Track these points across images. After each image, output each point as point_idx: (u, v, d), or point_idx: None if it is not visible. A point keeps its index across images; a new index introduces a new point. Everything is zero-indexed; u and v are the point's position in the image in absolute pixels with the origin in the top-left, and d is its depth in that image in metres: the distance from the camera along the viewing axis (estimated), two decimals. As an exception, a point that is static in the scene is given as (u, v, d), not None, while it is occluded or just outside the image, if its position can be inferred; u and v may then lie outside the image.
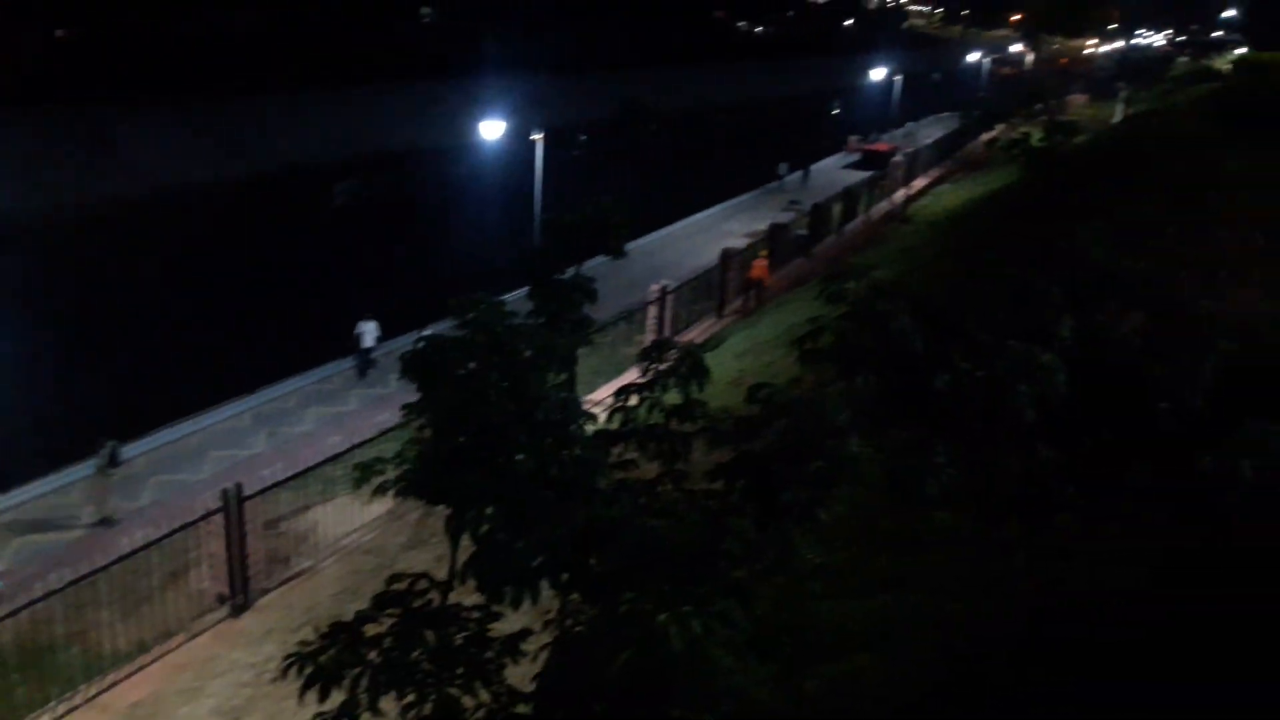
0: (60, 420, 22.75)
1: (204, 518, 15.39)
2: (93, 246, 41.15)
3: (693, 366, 6.26)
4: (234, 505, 15.23)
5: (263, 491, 15.47)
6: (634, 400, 6.36)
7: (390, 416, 14.78)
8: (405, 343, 17.02)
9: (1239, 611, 7.07)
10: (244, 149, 57.26)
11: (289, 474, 16.35)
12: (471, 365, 7.33)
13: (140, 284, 37.13)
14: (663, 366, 6.37)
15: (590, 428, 7.37)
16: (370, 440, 16.87)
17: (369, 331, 25.23)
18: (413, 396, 7.28)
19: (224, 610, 15.27)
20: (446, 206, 49.32)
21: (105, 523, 18.14)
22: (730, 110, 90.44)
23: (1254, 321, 12.05)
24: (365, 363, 25.24)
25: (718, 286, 29.20)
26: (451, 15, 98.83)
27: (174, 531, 16.22)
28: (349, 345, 25.70)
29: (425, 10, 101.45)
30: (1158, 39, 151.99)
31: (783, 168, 53.30)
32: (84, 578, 14.66)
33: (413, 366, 7.16)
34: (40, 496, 19.03)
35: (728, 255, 29.66)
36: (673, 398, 6.35)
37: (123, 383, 26.37)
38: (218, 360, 27.74)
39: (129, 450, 19.85)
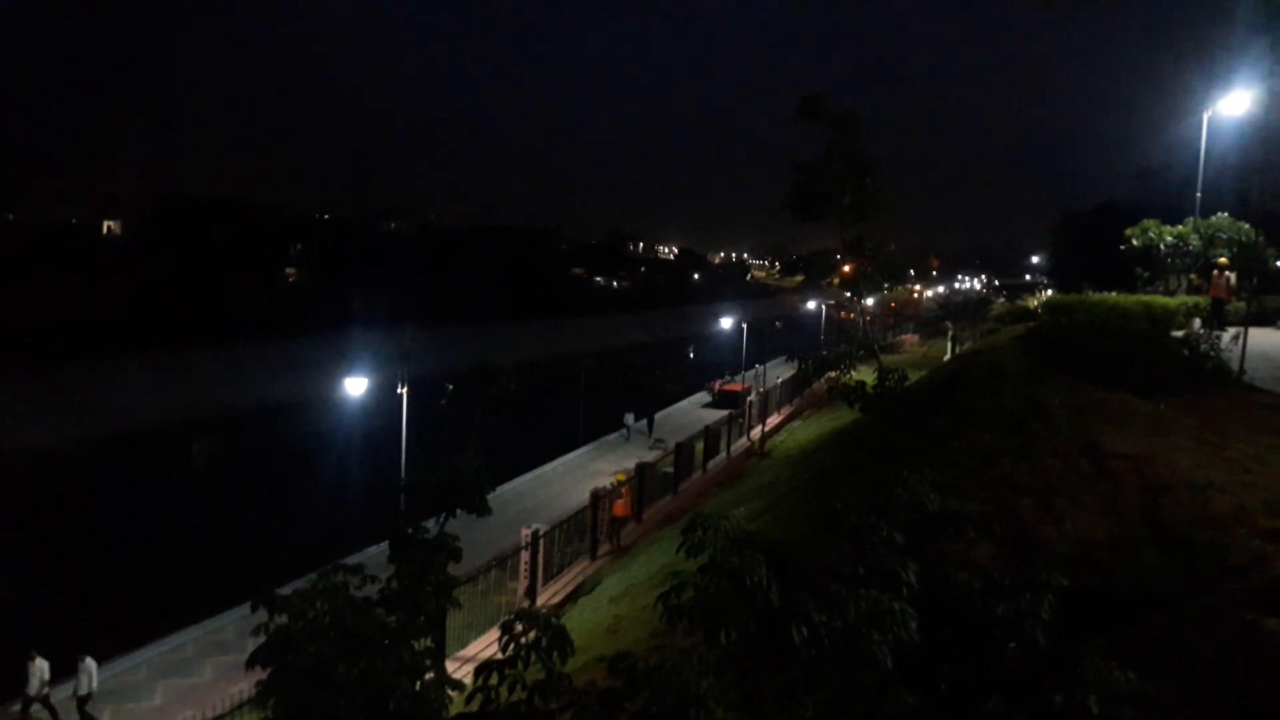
0: None
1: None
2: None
3: (554, 638, 6.24)
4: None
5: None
6: (494, 679, 6.25)
7: (248, 686, 13.84)
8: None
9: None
10: (97, 409, 55.50)
11: None
12: (317, 651, 7.12)
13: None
14: (524, 640, 6.33)
15: (456, 700, 7.12)
16: (222, 717, 15.67)
17: None
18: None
19: None
20: (310, 461, 48.37)
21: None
22: (594, 357, 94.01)
23: (1092, 544, 12.77)
24: None
25: (589, 527, 29.15)
26: (318, 274, 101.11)
27: None
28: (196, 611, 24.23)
29: (289, 270, 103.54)
30: (975, 283, 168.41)
31: (628, 417, 54.19)
32: None
33: (260, 656, 6.90)
34: None
35: (597, 495, 29.86)
36: (535, 672, 6.28)
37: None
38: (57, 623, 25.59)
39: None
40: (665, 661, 6.08)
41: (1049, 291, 72.80)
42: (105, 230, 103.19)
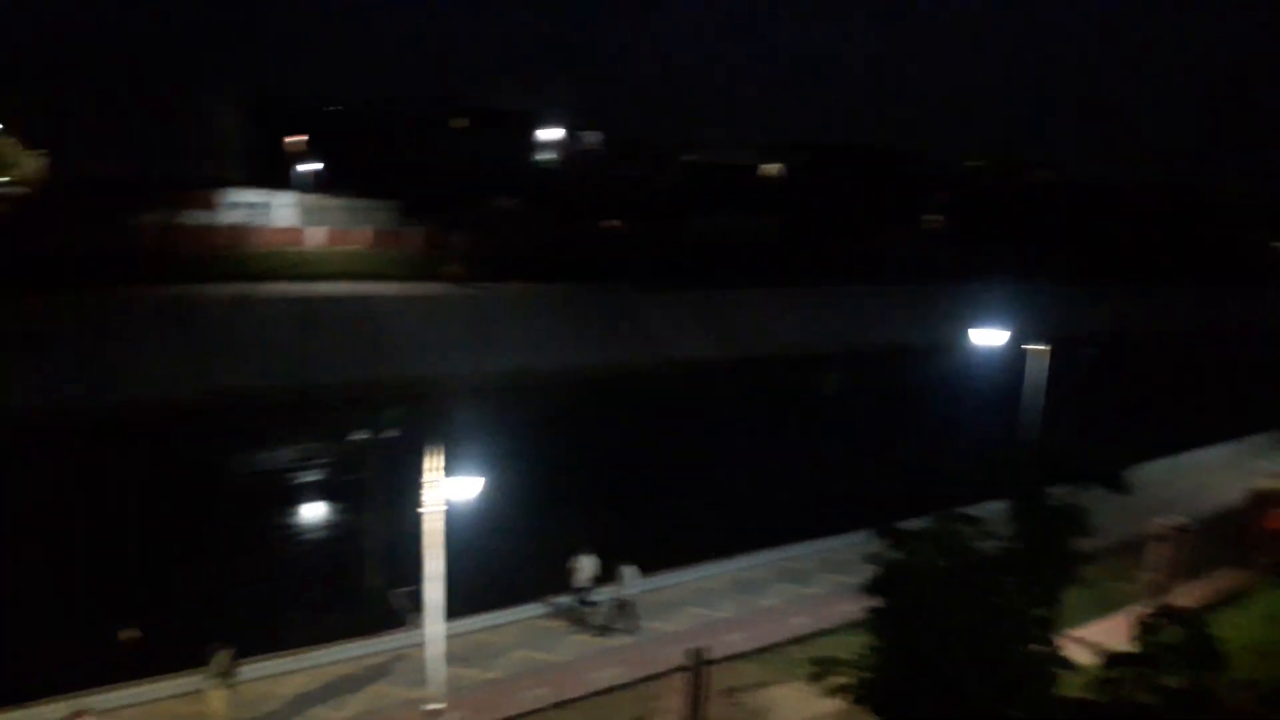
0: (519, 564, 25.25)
1: (670, 672, 16.66)
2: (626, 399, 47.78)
3: (1201, 647, 5.82)
4: (698, 666, 16.30)
5: (728, 659, 16.33)
6: (1126, 673, 6.05)
7: (854, 608, 15.04)
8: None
9: None
10: (740, 334, 62.76)
11: (753, 646, 17.15)
12: (932, 592, 7.46)
13: (643, 436, 42.15)
14: (1163, 641, 6.01)
15: (1064, 680, 7.02)
16: (833, 630, 17.20)
17: None
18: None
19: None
20: (929, 404, 49.50)
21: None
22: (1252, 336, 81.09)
23: None
24: None
25: (1242, 531, 25.54)
26: (959, 222, 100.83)
27: (643, 679, 17.78)
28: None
29: (932, 217, 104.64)
30: None
31: None
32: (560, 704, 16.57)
33: (877, 584, 7.46)
34: (478, 630, 20.81)
35: (1262, 498, 25.91)
36: (1173, 679, 5.94)
37: (609, 527, 29.59)
38: (697, 519, 30.27)
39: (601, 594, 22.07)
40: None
41: None
42: (764, 173, 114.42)
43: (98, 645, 19.34)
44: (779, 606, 22.90)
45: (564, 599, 21.65)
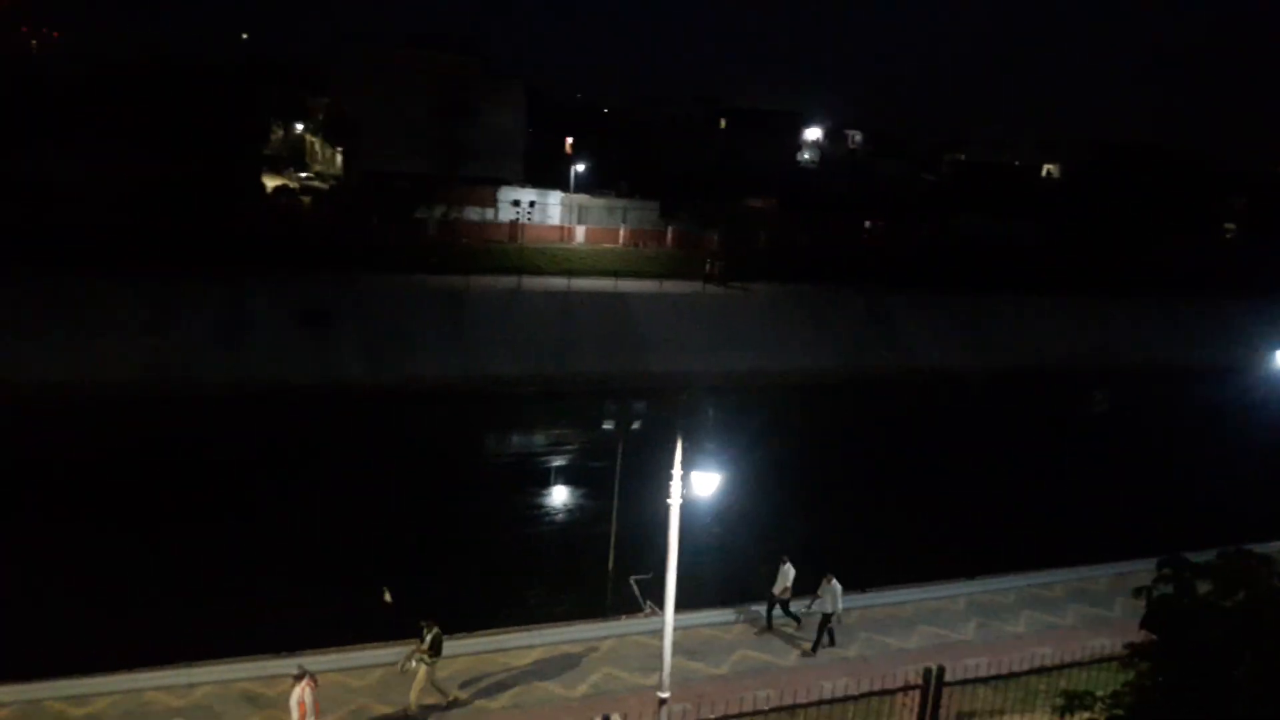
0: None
1: (901, 689, 16.08)
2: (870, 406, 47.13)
3: None
4: (933, 685, 15.65)
5: (964, 682, 15.61)
6: None
7: (1110, 643, 13.84)
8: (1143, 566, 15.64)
9: None
10: (1000, 344, 59.18)
11: (993, 672, 16.26)
12: (1221, 634, 6.77)
13: (884, 446, 41.07)
14: None
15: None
16: (1083, 663, 16.00)
17: None
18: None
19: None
20: (1206, 430, 44.78)
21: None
22: None
23: None
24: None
25: None
26: (1261, 232, 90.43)
27: (873, 693, 17.28)
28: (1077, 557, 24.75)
29: (1227, 225, 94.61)
30: None
31: None
32: (784, 708, 16.39)
33: (1154, 619, 6.87)
34: (705, 625, 20.71)
35: None
36: None
37: (833, 536, 28.95)
38: (936, 536, 29.18)
39: (846, 602, 21.63)
40: None
41: None
42: (1044, 173, 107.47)
43: (349, 606, 20.97)
44: (1022, 634, 21.58)
45: (761, 606, 21.26)
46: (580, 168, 75.25)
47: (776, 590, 20.84)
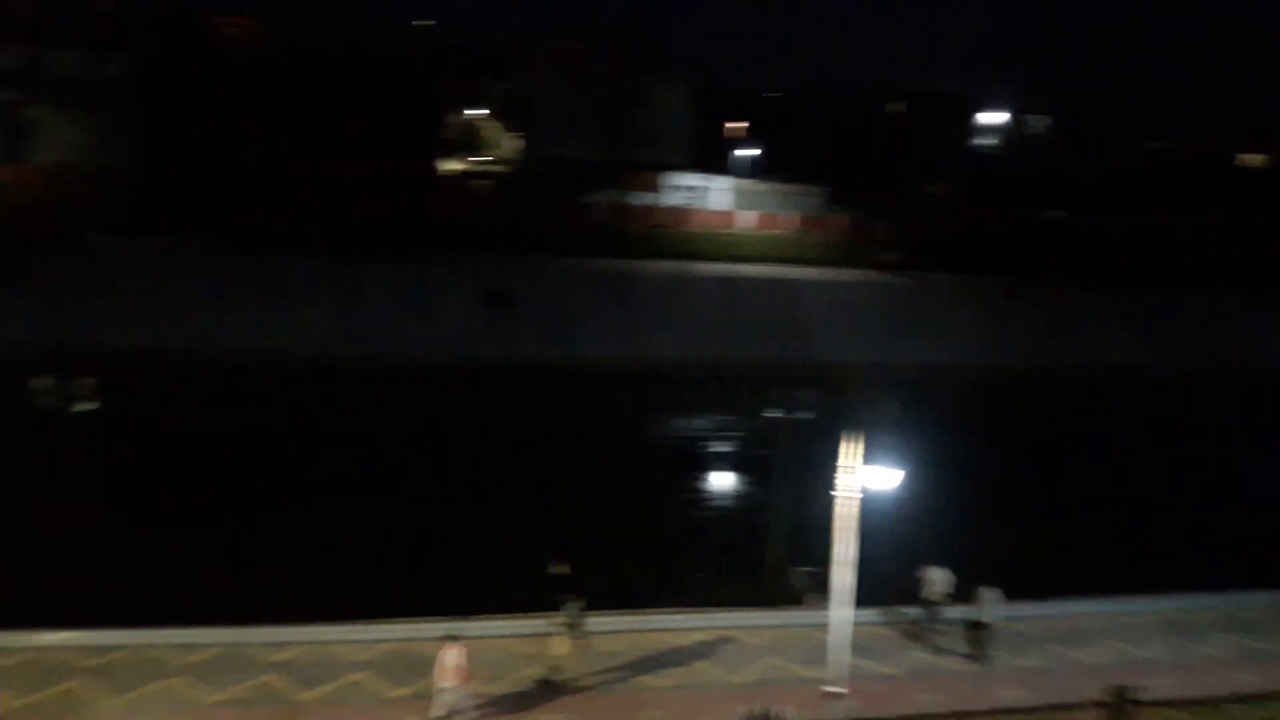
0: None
1: (1085, 706, 15.37)
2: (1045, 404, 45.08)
3: None
4: (1120, 705, 14.87)
5: (1155, 703, 14.77)
6: None
7: (1256, 678, 12.76)
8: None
9: None
10: (1192, 344, 54.92)
11: (1184, 695, 15.33)
12: None
13: (1061, 447, 39.07)
14: None
15: None
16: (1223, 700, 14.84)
17: None
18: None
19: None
20: None
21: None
22: None
23: None
24: None
25: None
26: None
27: (1050, 706, 16.57)
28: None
29: None
30: None
31: None
32: (962, 714, 15.91)
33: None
34: (864, 623, 19.77)
35: None
36: None
37: (1024, 536, 27.75)
38: (1120, 545, 27.57)
39: (1027, 610, 20.69)
40: None
41: None
42: (1244, 164, 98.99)
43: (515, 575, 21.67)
44: (1220, 657, 20.05)
45: (910, 610, 20.45)
46: (748, 153, 74.51)
47: (930, 593, 20.16)
